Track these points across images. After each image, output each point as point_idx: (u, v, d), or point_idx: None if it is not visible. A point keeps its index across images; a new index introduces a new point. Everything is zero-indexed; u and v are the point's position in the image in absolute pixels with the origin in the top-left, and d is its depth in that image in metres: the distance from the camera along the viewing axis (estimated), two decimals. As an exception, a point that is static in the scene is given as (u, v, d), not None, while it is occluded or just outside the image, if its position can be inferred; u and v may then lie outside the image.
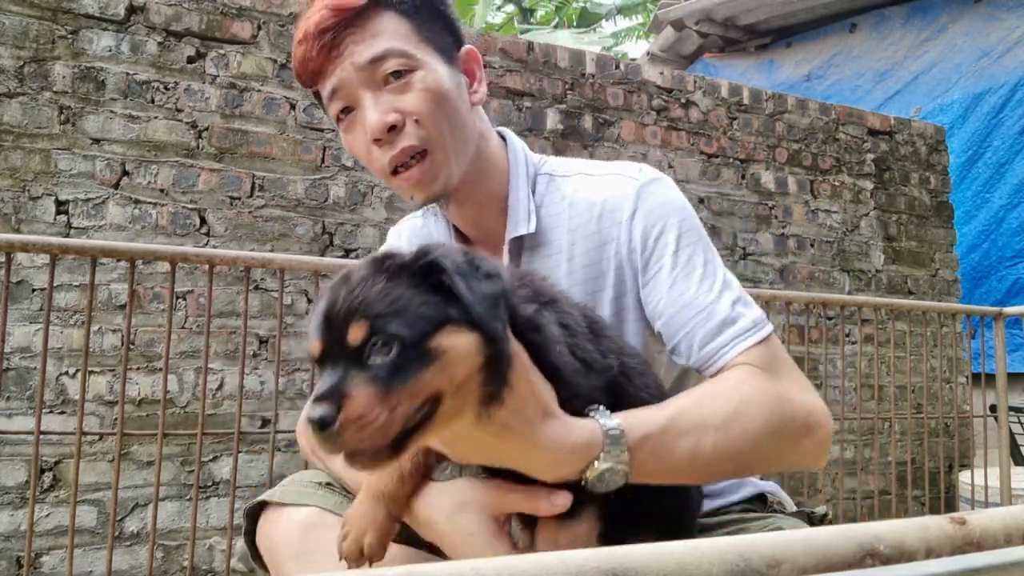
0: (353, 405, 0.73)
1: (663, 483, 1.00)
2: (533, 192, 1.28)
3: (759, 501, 1.37)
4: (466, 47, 1.29)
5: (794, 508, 1.36)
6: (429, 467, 1.02)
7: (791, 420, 1.05)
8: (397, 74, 1.16)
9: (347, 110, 1.20)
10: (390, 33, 1.17)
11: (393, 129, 1.15)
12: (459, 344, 0.78)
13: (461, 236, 1.36)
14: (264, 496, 1.16)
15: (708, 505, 1.32)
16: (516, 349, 0.85)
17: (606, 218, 1.22)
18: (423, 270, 0.80)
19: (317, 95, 1.29)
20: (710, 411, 1.00)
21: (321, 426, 0.72)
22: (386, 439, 0.75)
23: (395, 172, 1.19)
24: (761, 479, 1.40)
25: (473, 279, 0.79)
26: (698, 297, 1.13)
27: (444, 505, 0.98)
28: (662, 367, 1.30)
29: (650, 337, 1.24)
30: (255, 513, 1.18)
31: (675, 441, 0.96)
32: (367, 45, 1.16)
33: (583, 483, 0.90)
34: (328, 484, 1.18)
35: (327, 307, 0.79)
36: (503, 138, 1.34)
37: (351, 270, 0.84)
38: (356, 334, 0.76)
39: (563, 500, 0.91)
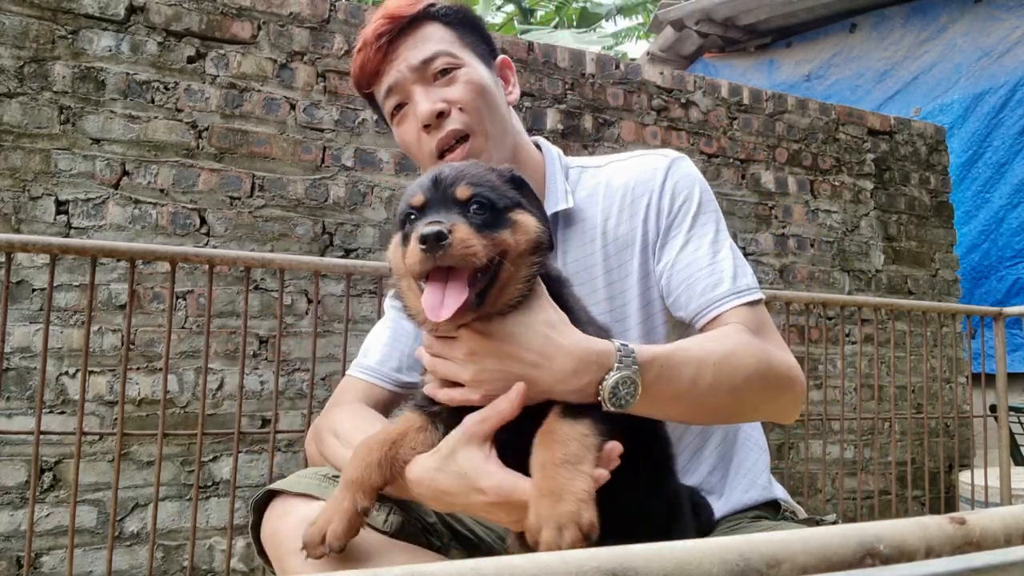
0: (461, 232, 0.97)
1: (667, 414, 1.12)
2: (567, 179, 1.45)
3: (771, 508, 1.39)
4: (501, 56, 1.51)
5: (805, 515, 1.38)
6: (399, 461, 1.04)
7: (776, 372, 1.19)
8: (444, 72, 1.36)
9: (400, 107, 1.40)
10: (437, 39, 1.38)
11: (441, 116, 1.35)
12: (526, 220, 1.06)
13: None
14: (273, 485, 1.17)
15: (722, 508, 1.34)
16: (542, 288, 1.06)
17: (639, 188, 1.37)
18: (510, 178, 1.12)
19: (371, 100, 1.49)
20: (709, 349, 1.13)
21: (438, 237, 0.94)
22: (478, 262, 0.97)
23: (441, 156, 1.36)
24: (770, 484, 1.41)
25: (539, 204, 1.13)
26: (706, 257, 1.29)
27: (432, 465, 1.01)
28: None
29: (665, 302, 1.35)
30: (261, 507, 1.18)
31: (679, 367, 1.07)
32: (419, 49, 1.37)
33: (600, 401, 0.99)
34: (336, 477, 1.18)
35: (435, 175, 1.07)
36: (538, 147, 1.52)
37: (451, 163, 1.18)
38: (464, 192, 1.03)
39: (518, 388, 0.99)
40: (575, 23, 16.33)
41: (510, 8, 16.83)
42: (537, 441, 0.96)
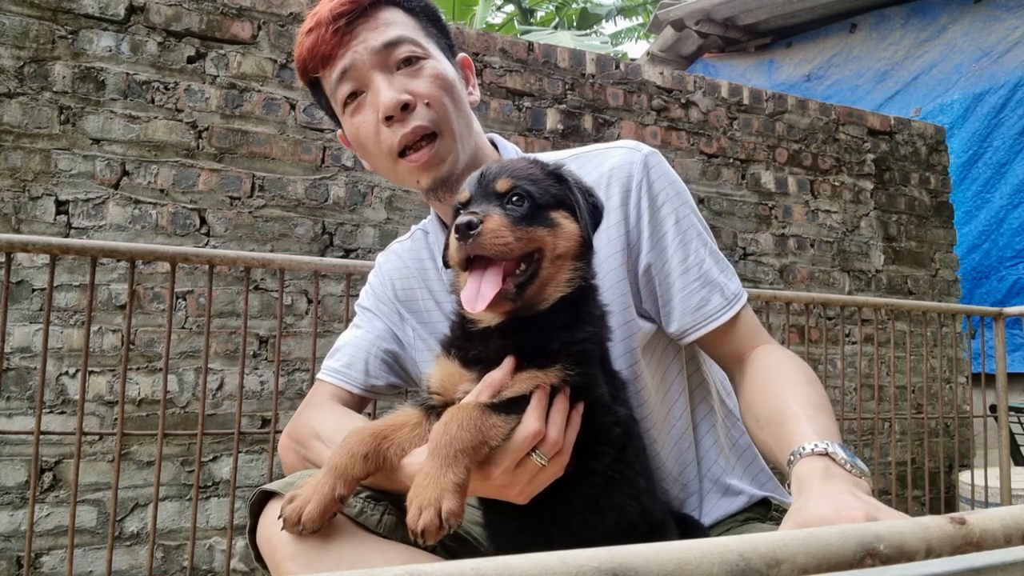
0: (492, 221, 0.99)
1: None
2: None
3: (763, 506, 1.38)
4: (461, 55, 1.40)
5: None
6: (383, 457, 1.04)
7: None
8: (408, 61, 1.24)
9: (354, 95, 1.27)
10: (400, 24, 1.27)
11: (405, 108, 1.23)
12: (569, 226, 1.06)
13: None
14: (267, 486, 1.16)
15: (719, 509, 1.33)
16: None
17: (615, 184, 1.28)
18: (555, 174, 1.10)
19: (314, 87, 1.35)
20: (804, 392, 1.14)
21: (468, 227, 0.97)
22: (510, 252, 0.99)
23: (402, 154, 1.25)
24: (763, 486, 1.41)
25: (585, 198, 1.09)
26: (695, 267, 1.26)
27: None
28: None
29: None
30: (257, 510, 1.17)
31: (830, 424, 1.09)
32: (380, 32, 1.24)
33: None
34: None
35: (482, 171, 1.09)
36: (494, 144, 1.44)
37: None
38: (503, 184, 1.04)
39: (509, 360, 1.02)
40: (575, 24, 16.32)
41: (510, 8, 16.82)
42: (443, 415, 0.97)
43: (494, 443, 0.96)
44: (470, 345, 1.07)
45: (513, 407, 0.99)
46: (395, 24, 1.27)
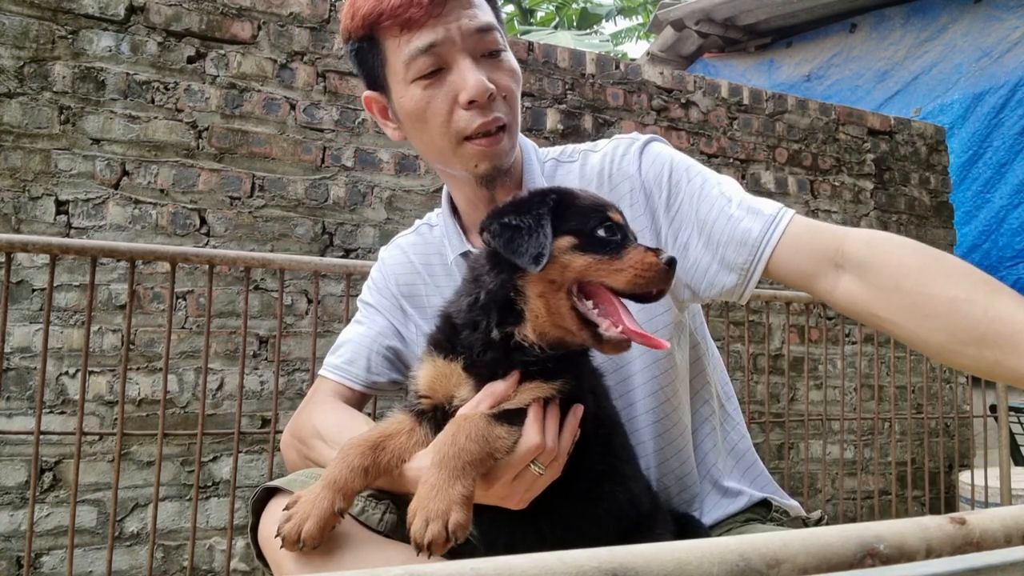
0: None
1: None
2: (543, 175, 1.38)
3: (763, 507, 1.39)
4: None
5: (801, 514, 1.38)
6: (381, 468, 1.04)
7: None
8: (493, 52, 1.25)
9: (435, 71, 1.22)
10: (486, 12, 1.26)
11: (490, 97, 1.22)
12: None
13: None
14: (271, 483, 1.16)
15: (719, 509, 1.34)
16: None
17: (615, 175, 1.31)
18: None
19: (365, 42, 1.27)
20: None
21: (673, 265, 1.03)
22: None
23: (468, 137, 1.23)
24: (763, 487, 1.42)
25: None
26: (723, 209, 1.22)
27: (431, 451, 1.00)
28: (682, 324, 1.33)
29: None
30: (259, 509, 1.17)
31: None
32: (473, 14, 1.22)
33: None
34: None
35: (600, 196, 1.14)
36: None
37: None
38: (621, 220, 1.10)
39: (514, 374, 1.03)
40: (575, 24, 16.33)
41: (510, 8, 16.83)
42: (448, 425, 0.97)
43: (499, 455, 0.96)
44: (484, 352, 1.05)
45: (512, 418, 0.99)
46: (483, 10, 1.25)
